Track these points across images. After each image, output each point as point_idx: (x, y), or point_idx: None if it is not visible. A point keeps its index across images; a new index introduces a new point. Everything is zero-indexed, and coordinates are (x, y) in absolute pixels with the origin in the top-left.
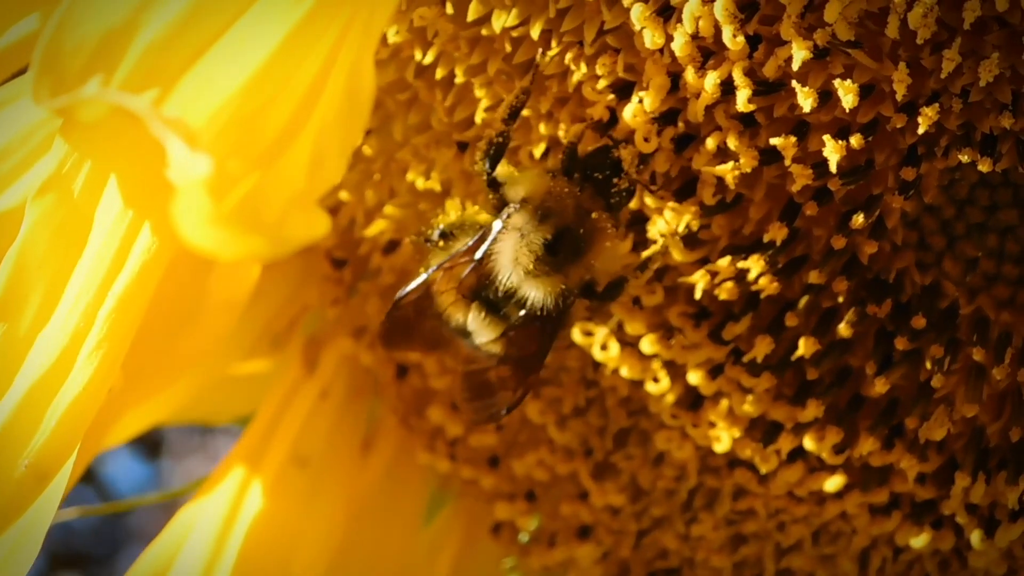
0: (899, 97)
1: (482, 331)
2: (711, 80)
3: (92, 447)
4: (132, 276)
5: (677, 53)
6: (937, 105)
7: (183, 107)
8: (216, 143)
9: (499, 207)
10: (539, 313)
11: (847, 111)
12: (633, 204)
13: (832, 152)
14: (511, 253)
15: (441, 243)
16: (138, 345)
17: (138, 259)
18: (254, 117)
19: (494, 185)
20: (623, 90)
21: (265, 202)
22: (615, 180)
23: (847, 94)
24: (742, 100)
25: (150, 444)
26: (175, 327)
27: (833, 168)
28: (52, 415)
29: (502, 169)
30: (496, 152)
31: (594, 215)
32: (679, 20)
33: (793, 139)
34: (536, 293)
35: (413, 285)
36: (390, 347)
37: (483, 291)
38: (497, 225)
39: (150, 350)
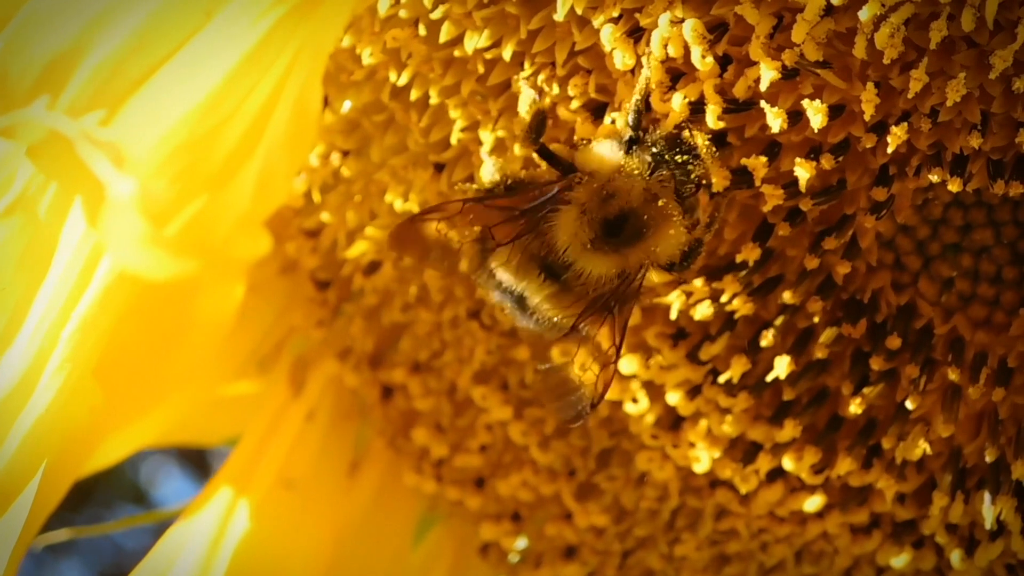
0: (868, 117)
1: (547, 302)
2: (678, 100)
3: (76, 468)
4: (96, 297)
5: (648, 79)
6: (906, 125)
7: (129, 129)
8: (165, 165)
9: (565, 172)
10: (602, 286)
11: (817, 131)
12: None
13: (803, 172)
14: (571, 225)
15: (500, 191)
16: (124, 367)
17: (102, 280)
18: (205, 140)
19: (545, 154)
20: (596, 111)
21: (212, 225)
22: (690, 167)
23: (816, 114)
24: (712, 117)
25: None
26: (161, 349)
27: (803, 188)
28: (15, 436)
29: (580, 130)
30: (539, 124)
31: (661, 202)
32: (649, 41)
33: (764, 159)
34: (595, 268)
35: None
36: (393, 248)
37: (544, 255)
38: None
39: (136, 372)
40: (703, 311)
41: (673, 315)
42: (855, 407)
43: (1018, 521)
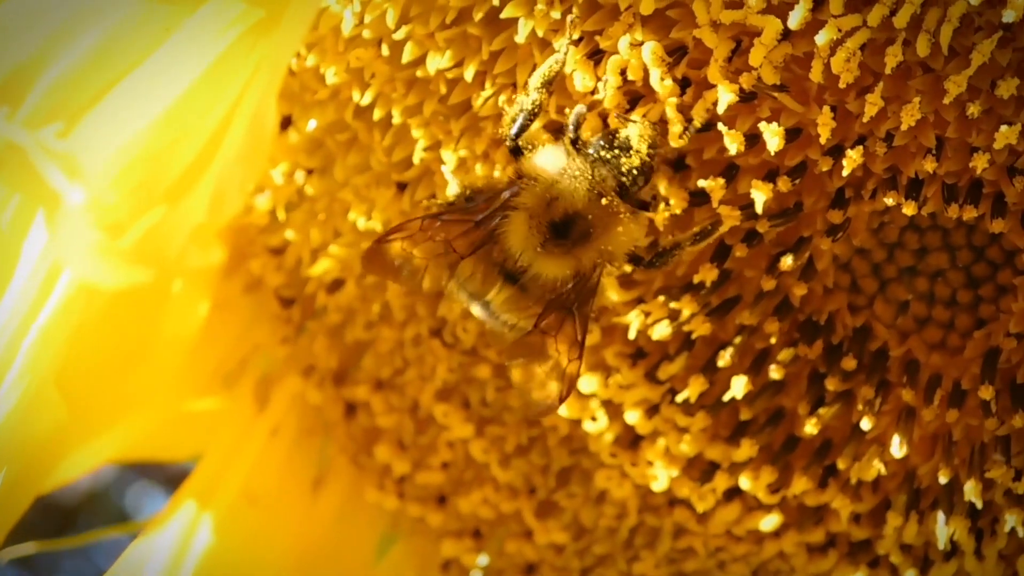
0: (824, 141)
1: (509, 314)
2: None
3: (39, 481)
4: (56, 309)
5: (605, 102)
6: (862, 148)
7: (86, 141)
8: (122, 177)
9: (514, 178)
10: (559, 287)
11: (774, 154)
12: None
13: (759, 195)
14: (522, 230)
15: (461, 203)
16: (88, 380)
17: (63, 293)
18: (163, 153)
19: (516, 152)
20: (557, 132)
21: (167, 236)
22: (622, 160)
23: (773, 137)
24: (674, 134)
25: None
26: (125, 363)
27: (760, 210)
28: None
29: (527, 137)
30: (526, 119)
31: (604, 200)
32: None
33: (721, 181)
34: (549, 271)
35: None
36: (368, 271)
37: (502, 262)
38: (506, 195)
39: (100, 386)
40: (661, 331)
41: (632, 335)
42: (811, 427)
43: (971, 542)
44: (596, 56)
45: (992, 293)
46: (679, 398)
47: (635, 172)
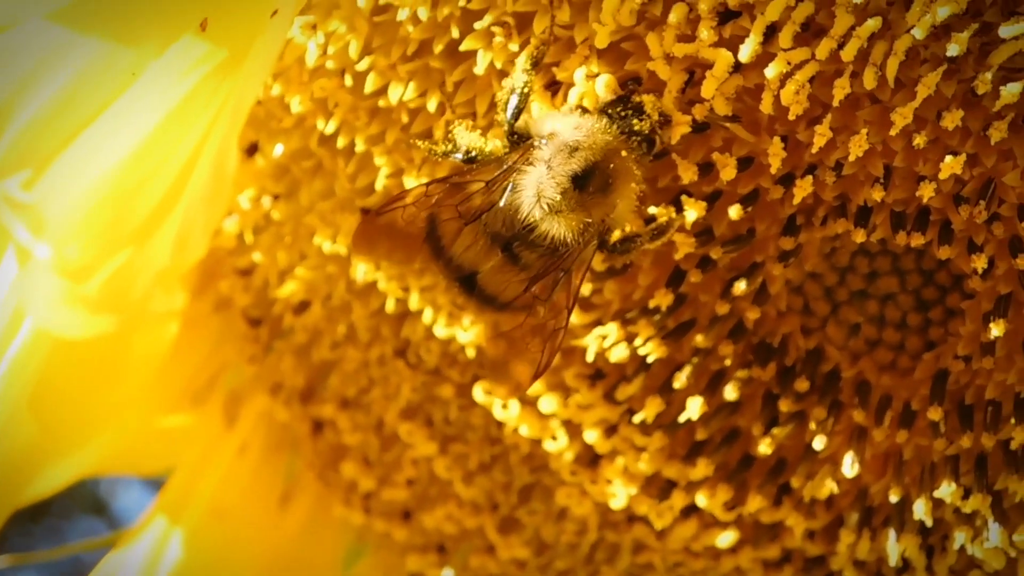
0: (774, 170)
1: (498, 280)
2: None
3: (14, 497)
4: (27, 338)
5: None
6: (811, 177)
7: (53, 189)
8: (88, 222)
9: (519, 141)
10: (558, 250)
11: (727, 183)
12: None
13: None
14: (535, 187)
15: (462, 166)
16: (60, 399)
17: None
18: (128, 196)
19: (513, 136)
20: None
21: (132, 279)
22: (636, 122)
23: (725, 166)
24: None
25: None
26: (97, 382)
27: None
28: None
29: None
30: (520, 103)
31: (624, 153)
32: (566, 95)
33: (673, 209)
34: (557, 229)
35: (411, 188)
36: (358, 249)
37: (499, 230)
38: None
39: (73, 404)
40: (619, 353)
41: (590, 357)
42: (765, 447)
43: (922, 558)
44: (553, 87)
45: (941, 316)
46: (637, 418)
47: (647, 134)
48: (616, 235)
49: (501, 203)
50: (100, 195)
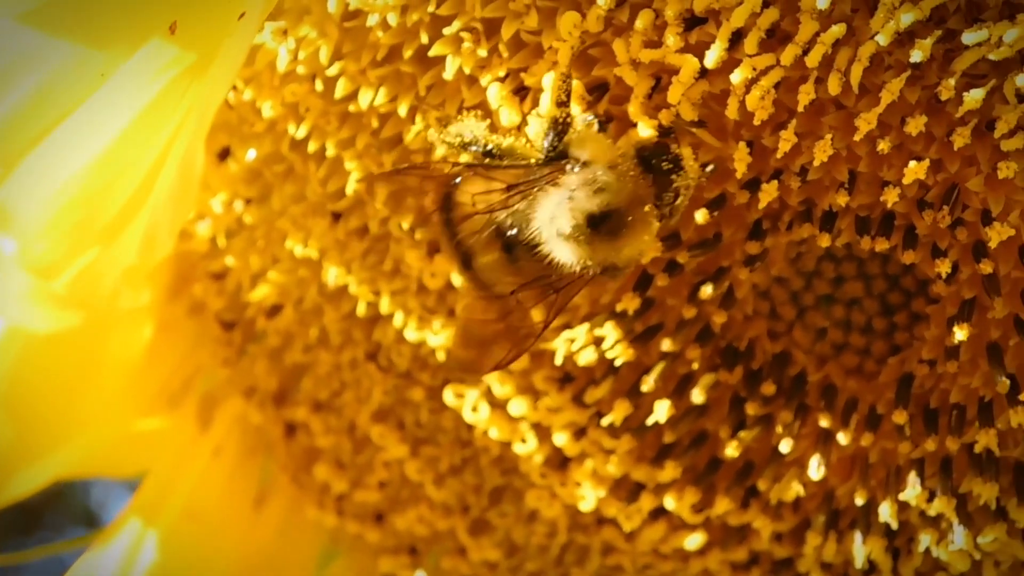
0: (740, 175)
1: (491, 273)
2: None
3: None
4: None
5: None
6: (777, 182)
7: (21, 187)
8: (57, 221)
9: (556, 158)
10: (555, 270)
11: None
12: None
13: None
14: (551, 209)
15: (481, 158)
16: (35, 401)
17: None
18: (97, 196)
19: (551, 151)
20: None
21: (99, 277)
22: (673, 177)
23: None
24: None
25: None
26: (71, 384)
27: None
28: None
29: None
30: (559, 133)
31: (646, 208)
32: (534, 101)
33: None
34: (559, 254)
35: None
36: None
37: (506, 229)
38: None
39: (48, 406)
40: (587, 357)
41: (559, 360)
42: (732, 450)
43: (888, 560)
44: (521, 92)
45: (906, 321)
46: (605, 421)
47: (681, 190)
48: None
49: (517, 208)
50: (69, 194)
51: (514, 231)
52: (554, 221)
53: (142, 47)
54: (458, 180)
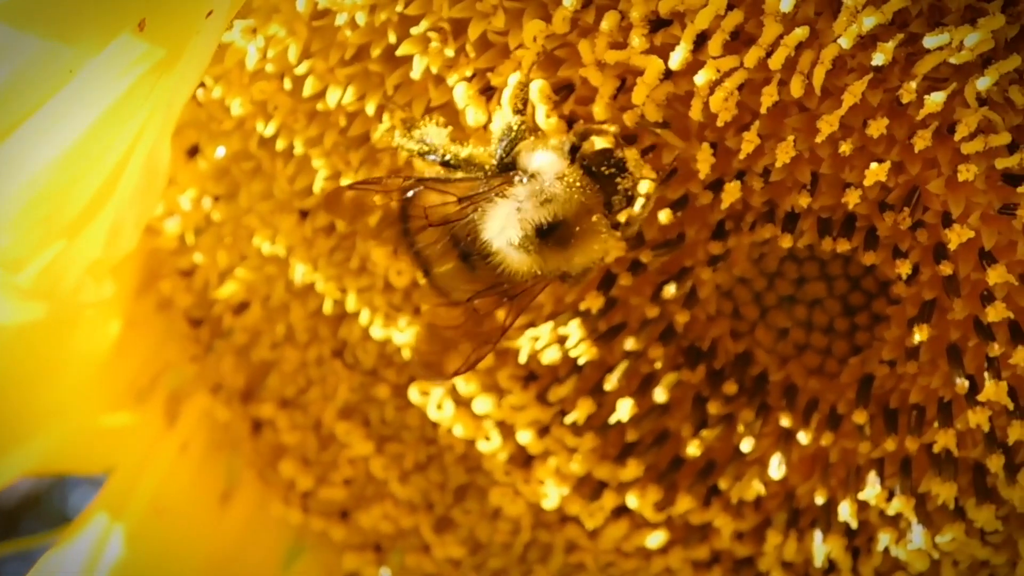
0: (703, 175)
1: (448, 282)
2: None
3: None
4: None
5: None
6: (740, 183)
7: None
8: (24, 215)
9: (505, 168)
10: (510, 281)
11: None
12: None
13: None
14: (501, 220)
15: (438, 168)
16: (1, 397)
17: None
18: (64, 191)
19: (505, 169)
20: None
21: (64, 271)
22: (618, 180)
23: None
24: None
25: None
26: (39, 379)
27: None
28: None
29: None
30: (513, 141)
31: (594, 217)
32: (500, 100)
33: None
34: (511, 263)
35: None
36: (326, 204)
37: (461, 239)
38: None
39: (14, 400)
40: (551, 355)
41: (523, 359)
42: (694, 448)
43: (848, 559)
44: (488, 92)
45: (867, 321)
46: (568, 419)
47: (626, 194)
48: None
49: (466, 221)
50: (36, 188)
51: (468, 241)
52: (504, 232)
53: (111, 43)
54: (410, 194)
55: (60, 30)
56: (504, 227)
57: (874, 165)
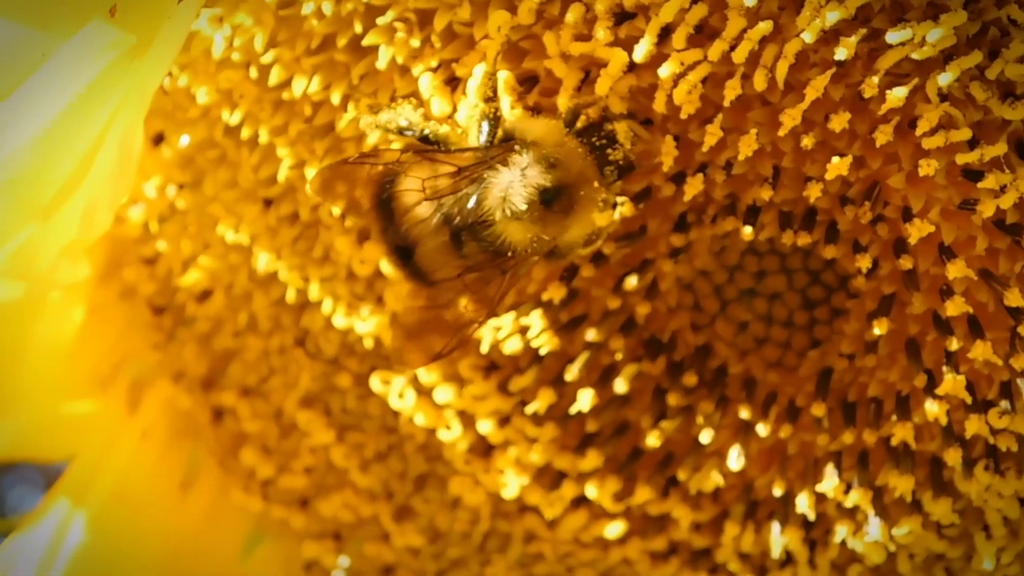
0: (666, 168)
1: (436, 260)
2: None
3: None
4: None
5: (461, 123)
6: (702, 176)
7: None
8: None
9: (503, 141)
10: (503, 253)
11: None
12: None
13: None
14: (503, 188)
15: (418, 143)
16: None
17: None
18: (38, 173)
19: (493, 136)
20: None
21: (39, 252)
22: (609, 152)
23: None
24: None
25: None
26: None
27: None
28: None
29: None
30: (493, 123)
31: (595, 184)
32: (464, 91)
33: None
34: (510, 234)
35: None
36: (315, 187)
37: (453, 215)
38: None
39: None
40: (512, 346)
41: (485, 348)
42: (654, 440)
43: (805, 551)
44: (453, 83)
45: (827, 315)
46: (529, 410)
47: (618, 164)
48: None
49: (466, 192)
50: (10, 172)
51: (461, 216)
52: (507, 200)
53: (83, 28)
54: (392, 187)
55: (32, 15)
56: (507, 195)
57: (835, 159)
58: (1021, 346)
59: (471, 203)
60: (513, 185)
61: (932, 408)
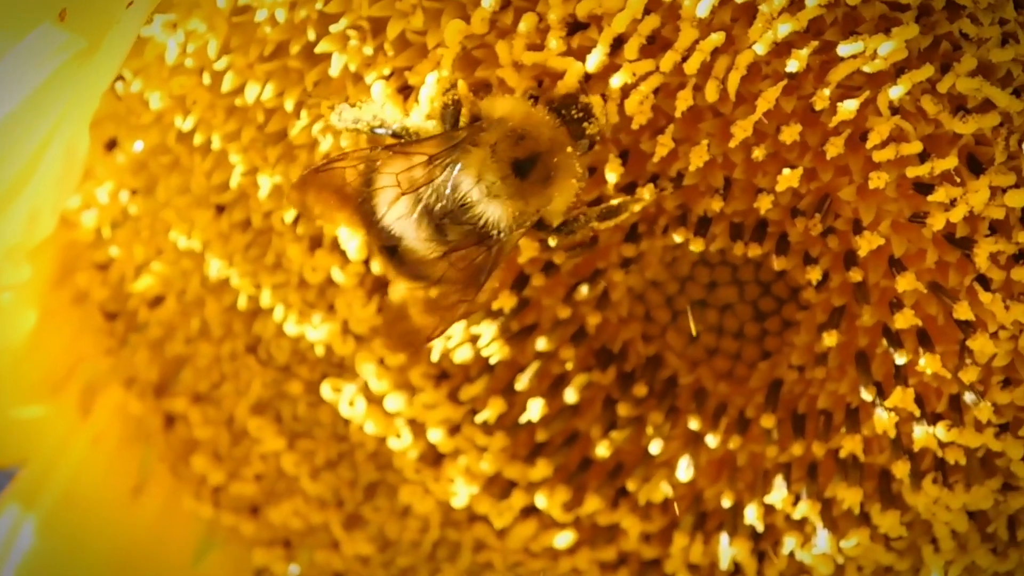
0: (616, 179)
1: (420, 248)
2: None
3: None
4: None
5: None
6: (652, 186)
7: None
8: None
9: (467, 123)
10: (488, 233)
11: None
12: None
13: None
14: (476, 169)
15: (387, 139)
16: None
17: None
18: None
19: (456, 120)
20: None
21: None
22: (585, 125)
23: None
24: None
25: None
26: None
27: (552, 242)
28: None
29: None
30: (455, 110)
31: (568, 149)
32: (417, 99)
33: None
34: (492, 213)
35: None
36: (292, 200)
37: (433, 204)
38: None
39: None
40: (463, 354)
41: (435, 357)
42: (603, 450)
43: (753, 563)
44: (405, 91)
45: (777, 327)
46: (479, 418)
47: (594, 136)
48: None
49: (441, 179)
50: None
51: (441, 204)
52: (482, 179)
53: (31, 32)
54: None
55: None
56: (481, 173)
57: (786, 171)
58: (970, 359)
59: (448, 189)
60: (485, 162)
61: (881, 420)
